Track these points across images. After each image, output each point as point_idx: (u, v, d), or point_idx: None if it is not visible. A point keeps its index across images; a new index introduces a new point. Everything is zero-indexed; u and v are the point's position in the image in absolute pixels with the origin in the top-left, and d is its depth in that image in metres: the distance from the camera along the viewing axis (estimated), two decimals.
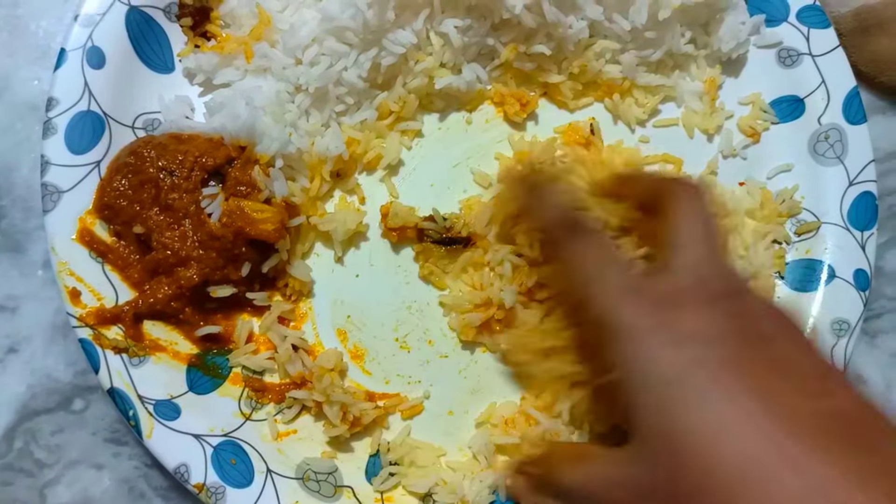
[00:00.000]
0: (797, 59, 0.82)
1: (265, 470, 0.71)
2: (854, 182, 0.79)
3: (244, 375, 0.74)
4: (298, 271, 0.75)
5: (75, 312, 0.71)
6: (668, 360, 0.49)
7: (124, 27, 0.76)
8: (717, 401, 0.46)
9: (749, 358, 0.49)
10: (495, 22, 0.78)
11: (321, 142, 0.76)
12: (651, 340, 0.51)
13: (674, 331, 0.51)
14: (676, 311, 0.52)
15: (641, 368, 0.51)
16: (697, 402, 0.47)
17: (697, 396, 0.47)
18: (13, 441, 0.75)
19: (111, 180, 0.73)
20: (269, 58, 0.76)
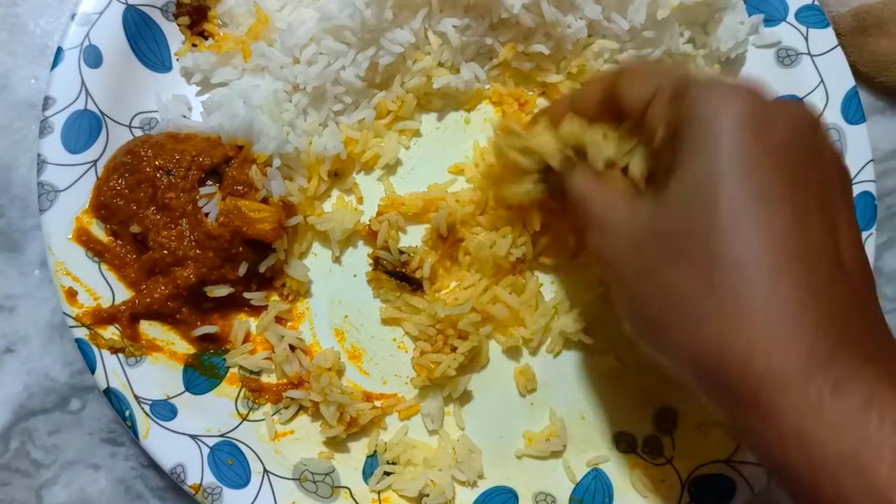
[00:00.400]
0: (796, 59, 0.82)
1: (262, 470, 0.71)
2: (853, 182, 0.78)
3: (241, 375, 0.74)
4: (296, 271, 0.75)
5: (72, 312, 0.70)
6: (744, 139, 0.48)
7: (121, 26, 0.76)
8: (761, 204, 0.46)
9: (807, 181, 0.48)
10: (494, 21, 0.77)
11: (319, 141, 0.76)
12: (736, 113, 0.49)
13: (759, 118, 0.49)
14: (764, 103, 0.50)
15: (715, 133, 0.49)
16: (745, 192, 0.47)
17: (749, 189, 0.47)
18: (9, 441, 0.75)
19: (108, 179, 0.73)
20: (267, 57, 0.76)
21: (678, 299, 0.48)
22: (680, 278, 0.48)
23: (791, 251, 0.45)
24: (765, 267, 0.45)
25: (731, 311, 0.45)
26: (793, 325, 0.44)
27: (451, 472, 0.73)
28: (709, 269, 0.46)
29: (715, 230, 0.47)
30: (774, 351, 0.43)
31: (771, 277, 0.45)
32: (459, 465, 0.73)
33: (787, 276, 0.45)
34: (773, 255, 0.45)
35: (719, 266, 0.46)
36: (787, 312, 0.44)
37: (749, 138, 0.48)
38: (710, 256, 0.46)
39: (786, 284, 0.45)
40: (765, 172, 0.47)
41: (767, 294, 0.44)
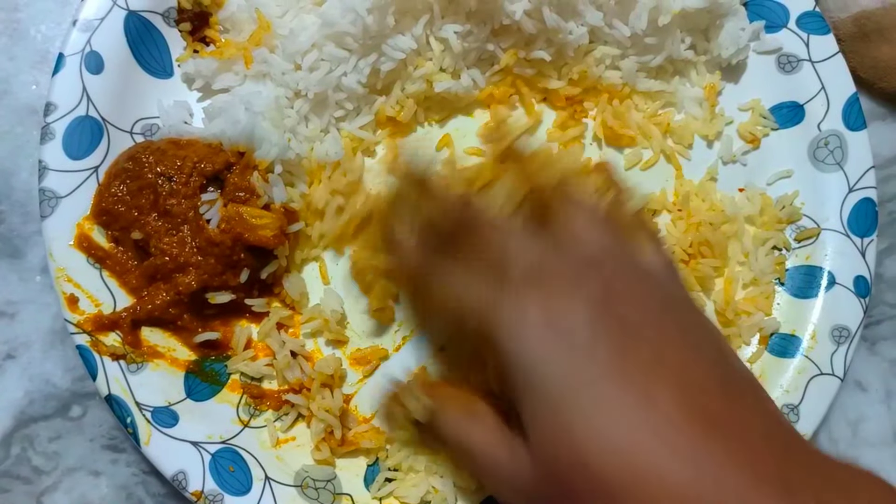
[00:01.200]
0: (797, 66, 0.82)
1: (263, 477, 0.71)
2: (854, 188, 0.79)
3: (242, 382, 0.74)
4: (292, 288, 0.75)
5: (73, 319, 0.70)
6: (553, 361, 0.46)
7: (123, 32, 0.75)
8: (606, 411, 0.44)
9: (627, 356, 0.46)
10: (495, 27, 0.77)
11: (320, 147, 0.76)
12: (532, 338, 0.48)
13: (553, 327, 0.47)
14: (552, 300, 0.48)
15: (525, 366, 0.48)
16: (584, 409, 0.45)
17: (584, 405, 0.45)
18: (10, 447, 0.75)
19: (109, 186, 0.73)
20: (269, 63, 0.76)
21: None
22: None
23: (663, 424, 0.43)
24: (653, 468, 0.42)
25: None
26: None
27: (453, 479, 0.72)
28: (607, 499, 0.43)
29: (586, 461, 0.44)
30: None
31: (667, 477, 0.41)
32: (461, 472, 0.73)
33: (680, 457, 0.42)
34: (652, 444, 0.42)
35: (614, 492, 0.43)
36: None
37: (562, 362, 0.46)
38: (600, 489, 0.43)
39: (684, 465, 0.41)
40: (596, 385, 0.45)
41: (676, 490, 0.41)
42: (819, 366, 0.76)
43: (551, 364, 0.46)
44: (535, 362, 0.47)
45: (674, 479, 0.41)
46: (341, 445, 0.72)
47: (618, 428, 0.43)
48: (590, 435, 0.44)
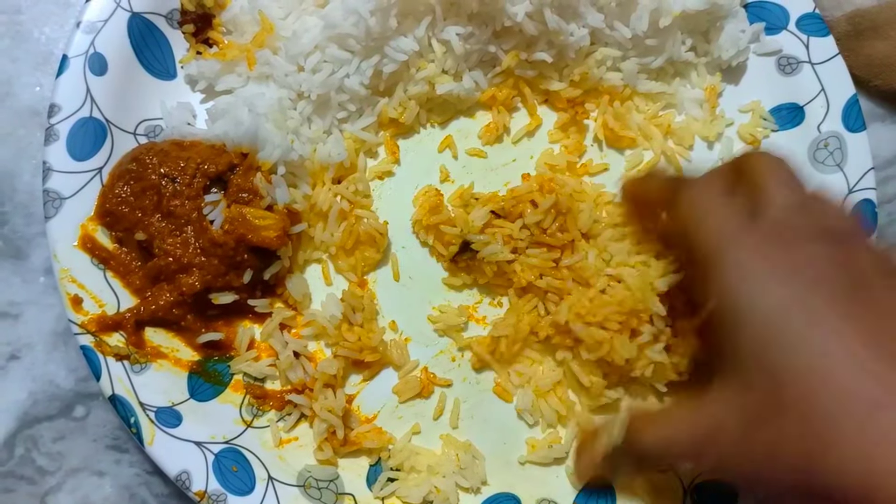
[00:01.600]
0: (797, 67, 0.82)
1: (266, 477, 0.71)
2: (854, 189, 0.79)
3: (245, 382, 0.74)
4: (295, 289, 0.75)
5: (77, 319, 0.70)
6: (775, 295, 0.50)
7: (126, 34, 0.76)
8: (823, 338, 0.48)
9: (853, 300, 0.49)
10: (497, 29, 0.78)
11: (323, 148, 0.76)
12: (759, 275, 0.52)
13: (781, 267, 0.52)
14: (783, 249, 0.52)
15: (747, 302, 0.52)
16: (802, 338, 0.48)
17: (803, 333, 0.48)
18: (14, 448, 0.75)
19: (113, 187, 0.73)
20: (272, 65, 0.76)
21: (804, 463, 0.48)
22: (796, 449, 0.48)
23: (871, 359, 0.46)
24: (861, 400, 0.46)
25: (859, 448, 0.45)
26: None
27: (454, 479, 0.73)
28: (814, 425, 0.47)
29: (793, 389, 0.48)
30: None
31: (867, 407, 0.45)
32: (463, 472, 0.73)
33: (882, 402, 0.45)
34: (865, 378, 0.46)
35: (823, 417, 0.46)
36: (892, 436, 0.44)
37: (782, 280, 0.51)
38: (809, 413, 0.47)
39: (884, 410, 0.45)
40: (805, 300, 0.49)
41: (869, 423, 0.45)
42: None
43: (784, 305, 0.50)
44: (770, 306, 0.50)
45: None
46: (344, 445, 0.72)
47: (837, 365, 0.47)
48: (800, 370, 0.47)
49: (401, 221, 0.79)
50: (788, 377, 0.48)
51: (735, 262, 0.54)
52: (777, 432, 0.49)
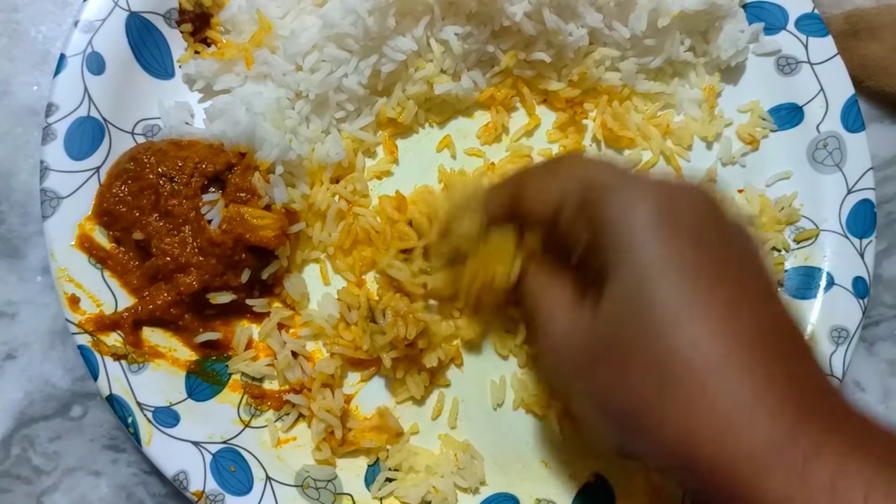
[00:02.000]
0: (796, 67, 0.82)
1: (264, 477, 0.71)
2: (852, 190, 0.79)
3: (243, 382, 0.74)
4: (293, 288, 0.75)
5: (74, 319, 0.70)
6: (661, 245, 0.49)
7: (124, 33, 0.76)
8: (690, 298, 0.47)
9: (725, 266, 0.49)
10: (495, 29, 0.78)
11: (321, 148, 0.76)
12: (648, 221, 0.50)
13: (669, 217, 0.50)
14: (669, 200, 0.51)
15: (628, 239, 0.50)
16: (673, 295, 0.48)
17: (675, 291, 0.48)
18: (10, 448, 0.75)
19: (111, 186, 0.73)
20: (270, 64, 0.76)
21: (635, 407, 0.48)
22: (632, 387, 0.48)
23: (733, 337, 0.46)
24: (712, 360, 0.45)
25: (688, 409, 0.45)
26: (752, 413, 0.44)
27: (453, 479, 0.73)
28: (658, 373, 0.46)
29: (656, 334, 0.47)
30: (738, 442, 0.44)
31: (721, 370, 0.45)
32: (461, 472, 0.73)
33: (735, 363, 0.45)
34: (718, 345, 0.46)
35: (669, 369, 0.46)
36: (744, 401, 0.44)
37: (664, 236, 0.49)
38: (658, 361, 0.47)
39: (737, 373, 0.45)
40: (687, 264, 0.48)
41: (721, 387, 0.45)
42: None
43: (652, 238, 0.49)
44: (640, 236, 0.49)
45: (728, 400, 0.44)
46: (342, 445, 0.72)
47: (696, 326, 0.46)
48: (668, 319, 0.47)
49: None
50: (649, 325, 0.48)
51: (623, 201, 0.52)
52: (621, 365, 0.49)
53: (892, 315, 0.85)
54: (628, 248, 0.50)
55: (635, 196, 0.51)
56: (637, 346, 0.48)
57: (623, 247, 0.50)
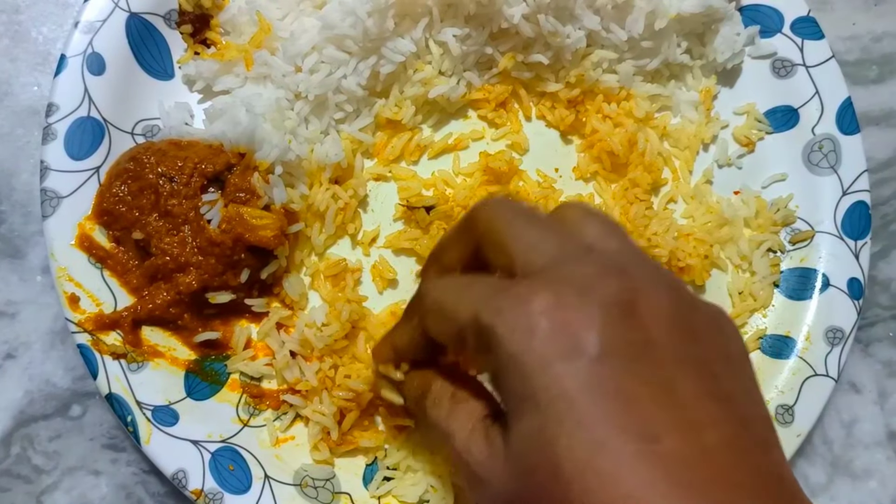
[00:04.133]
0: (791, 70, 0.83)
1: (263, 476, 0.71)
2: (847, 192, 0.80)
3: (242, 381, 0.74)
4: (292, 288, 0.75)
5: (74, 318, 0.71)
6: (556, 375, 0.42)
7: (124, 34, 0.76)
8: (602, 441, 0.40)
9: (638, 380, 0.42)
10: (494, 31, 0.78)
11: (320, 149, 0.76)
12: (536, 340, 0.43)
13: (563, 338, 0.43)
14: (561, 312, 0.43)
15: (522, 369, 0.44)
16: (579, 430, 0.41)
17: (581, 425, 0.41)
18: (10, 447, 0.75)
19: (110, 186, 0.73)
20: (269, 65, 0.76)
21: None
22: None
23: (655, 462, 0.39)
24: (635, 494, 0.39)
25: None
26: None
27: (451, 478, 0.73)
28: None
29: (569, 494, 0.40)
30: None
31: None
32: None
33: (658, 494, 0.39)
34: (638, 474, 0.39)
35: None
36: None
37: (564, 366, 0.42)
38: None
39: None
40: (596, 392, 0.41)
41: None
42: (813, 367, 0.77)
43: (549, 372, 0.42)
44: (533, 368, 0.43)
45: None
46: (339, 445, 0.73)
47: (607, 459, 0.40)
48: (575, 455, 0.40)
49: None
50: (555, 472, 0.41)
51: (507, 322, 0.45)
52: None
53: (888, 316, 0.86)
54: (527, 385, 0.43)
55: (527, 322, 0.43)
56: (551, 494, 0.41)
57: (522, 383, 0.43)
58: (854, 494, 0.81)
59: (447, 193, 0.79)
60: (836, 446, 0.82)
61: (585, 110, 0.82)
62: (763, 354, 0.79)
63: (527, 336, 0.43)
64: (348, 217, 0.78)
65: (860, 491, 0.81)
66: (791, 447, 0.75)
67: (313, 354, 0.74)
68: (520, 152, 0.83)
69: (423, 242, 0.76)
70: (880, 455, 0.82)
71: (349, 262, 0.77)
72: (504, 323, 0.45)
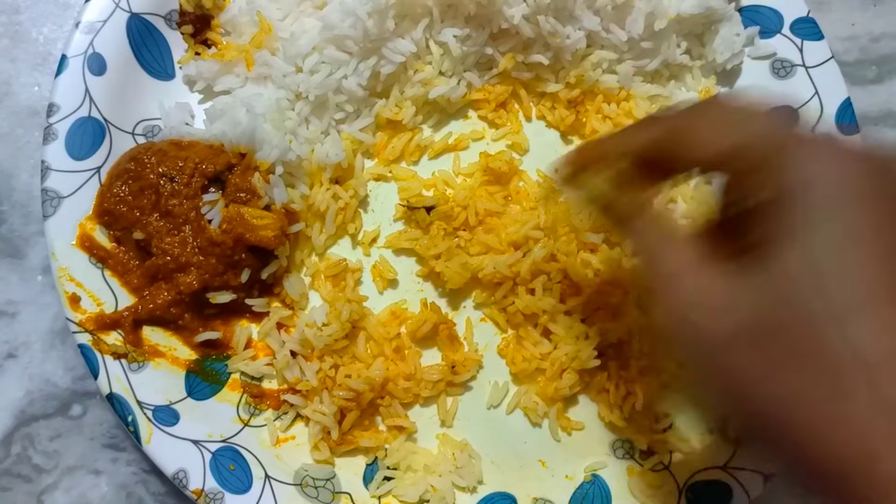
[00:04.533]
0: (791, 71, 0.83)
1: (263, 476, 0.71)
2: None
3: (242, 381, 0.74)
4: (292, 288, 0.75)
5: (75, 318, 0.71)
6: (853, 216, 0.43)
7: (125, 34, 0.76)
8: (872, 282, 0.41)
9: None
10: (494, 31, 0.78)
11: (321, 149, 0.77)
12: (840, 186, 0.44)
13: (864, 190, 0.44)
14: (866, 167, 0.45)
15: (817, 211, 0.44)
16: (860, 278, 0.41)
17: (864, 274, 0.41)
18: (11, 446, 0.75)
19: (111, 186, 0.74)
20: (270, 65, 0.76)
21: (791, 412, 0.42)
22: (793, 389, 0.42)
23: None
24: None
25: (867, 418, 0.39)
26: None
27: (451, 478, 0.73)
28: (837, 371, 0.40)
29: (833, 324, 0.41)
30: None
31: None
32: (459, 471, 0.73)
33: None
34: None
35: (848, 367, 0.40)
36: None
37: (862, 213, 0.43)
38: (836, 355, 0.40)
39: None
40: (883, 253, 0.42)
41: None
42: None
43: (844, 212, 0.43)
44: (829, 201, 0.43)
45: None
46: (340, 445, 0.73)
47: (878, 319, 0.40)
48: (850, 304, 0.41)
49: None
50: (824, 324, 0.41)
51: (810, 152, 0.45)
52: (783, 356, 0.42)
53: None
54: (812, 218, 0.43)
55: (835, 163, 0.44)
56: (807, 335, 0.41)
57: (807, 217, 0.43)
58: None
59: (447, 194, 0.79)
60: None
61: (585, 110, 0.82)
62: None
63: (831, 168, 0.44)
64: (349, 217, 0.78)
65: None
66: None
67: (313, 354, 0.74)
68: (520, 152, 0.83)
69: (423, 242, 0.76)
70: None
71: (349, 262, 0.77)
72: (808, 153, 0.45)
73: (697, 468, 0.73)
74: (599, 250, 0.76)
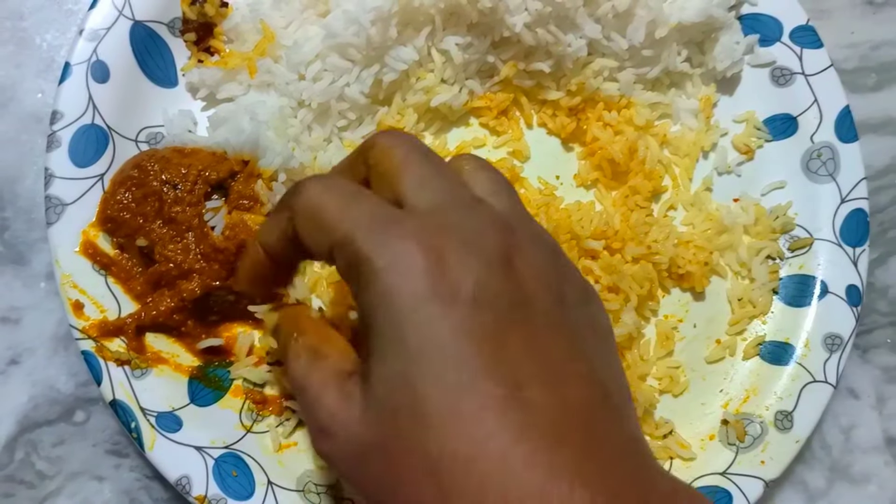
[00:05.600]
0: (790, 79, 0.83)
1: (266, 482, 0.71)
2: (846, 199, 0.81)
3: (245, 388, 0.75)
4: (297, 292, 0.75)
5: (78, 324, 0.71)
6: (429, 316, 0.41)
7: (129, 42, 0.77)
8: (469, 383, 0.40)
9: (510, 330, 0.42)
10: (496, 39, 0.79)
11: (323, 156, 0.77)
12: (411, 280, 0.42)
13: (441, 282, 0.42)
14: (442, 257, 0.43)
15: (393, 307, 0.42)
16: (446, 372, 0.40)
17: (448, 367, 0.40)
18: (14, 452, 0.76)
19: (115, 193, 0.74)
20: (273, 73, 0.77)
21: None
22: (409, 491, 0.41)
23: (518, 428, 0.39)
24: (495, 455, 0.38)
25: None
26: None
27: None
28: (437, 479, 0.39)
29: (433, 428, 0.40)
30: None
31: (505, 462, 0.38)
32: None
33: (520, 453, 0.38)
34: (501, 437, 0.39)
35: (449, 472, 0.39)
36: (532, 492, 0.38)
37: (435, 307, 0.41)
38: (435, 464, 0.39)
39: (521, 464, 0.38)
40: (465, 338, 0.41)
41: (509, 483, 0.38)
42: (812, 373, 0.77)
43: (422, 312, 0.41)
44: (406, 307, 0.42)
45: (519, 489, 0.38)
46: None
47: (472, 401, 0.40)
48: (439, 396, 0.40)
49: None
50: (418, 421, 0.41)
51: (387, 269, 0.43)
52: (396, 462, 0.42)
53: (886, 323, 0.86)
54: (397, 324, 0.42)
55: (407, 262, 0.42)
56: (412, 441, 0.40)
57: (391, 322, 0.42)
58: (853, 499, 0.81)
59: None
60: (834, 451, 0.82)
61: (586, 118, 0.82)
62: (762, 361, 0.79)
63: (404, 275, 0.42)
64: None
65: (859, 495, 0.81)
66: (790, 453, 0.75)
67: None
68: (521, 160, 0.83)
69: None
70: (878, 460, 0.83)
71: None
72: (382, 257, 0.43)
73: (697, 474, 0.74)
74: (601, 257, 0.77)
